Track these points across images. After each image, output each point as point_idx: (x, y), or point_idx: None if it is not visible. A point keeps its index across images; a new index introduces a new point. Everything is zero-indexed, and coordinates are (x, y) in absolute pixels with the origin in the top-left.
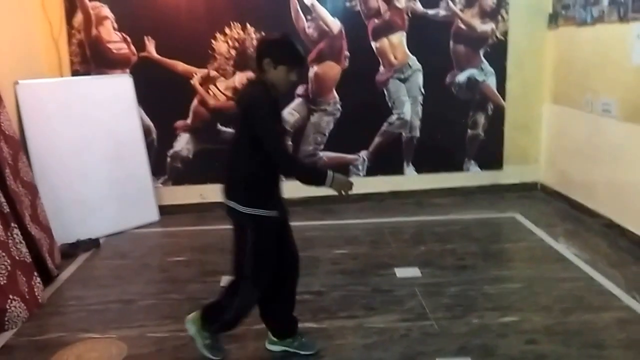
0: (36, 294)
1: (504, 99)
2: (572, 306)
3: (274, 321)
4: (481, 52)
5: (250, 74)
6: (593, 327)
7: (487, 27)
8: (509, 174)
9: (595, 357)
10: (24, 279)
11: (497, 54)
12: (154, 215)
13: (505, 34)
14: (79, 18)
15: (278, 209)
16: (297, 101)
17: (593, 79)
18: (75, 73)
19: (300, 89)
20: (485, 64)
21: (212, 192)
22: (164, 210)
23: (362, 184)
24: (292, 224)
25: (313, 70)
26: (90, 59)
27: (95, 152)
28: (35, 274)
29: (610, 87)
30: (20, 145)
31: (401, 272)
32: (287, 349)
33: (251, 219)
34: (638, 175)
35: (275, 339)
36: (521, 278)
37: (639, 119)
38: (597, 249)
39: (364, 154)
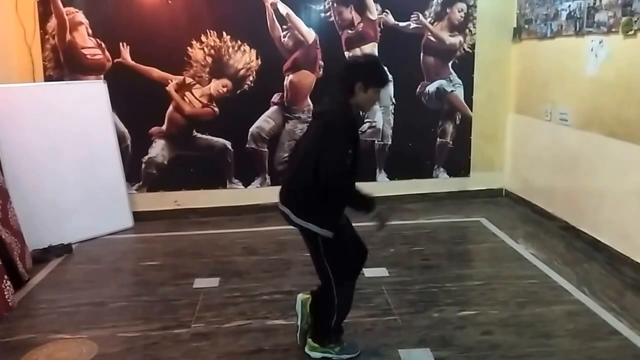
0: (6, 297)
1: (471, 109)
2: (527, 300)
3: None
4: (450, 64)
5: (225, 81)
6: (544, 319)
7: (456, 40)
8: (475, 181)
9: (544, 345)
10: None
11: (465, 65)
12: (127, 222)
13: (472, 46)
14: (53, 23)
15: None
16: (273, 109)
17: (552, 89)
18: (48, 78)
19: (275, 97)
20: (454, 75)
21: (187, 199)
22: (138, 216)
23: None
24: (265, 228)
25: (288, 78)
26: (64, 64)
27: (68, 157)
28: (6, 277)
29: (567, 98)
30: None
31: (370, 272)
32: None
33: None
34: (591, 180)
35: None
36: (481, 276)
37: (591, 127)
38: (553, 249)
39: None
